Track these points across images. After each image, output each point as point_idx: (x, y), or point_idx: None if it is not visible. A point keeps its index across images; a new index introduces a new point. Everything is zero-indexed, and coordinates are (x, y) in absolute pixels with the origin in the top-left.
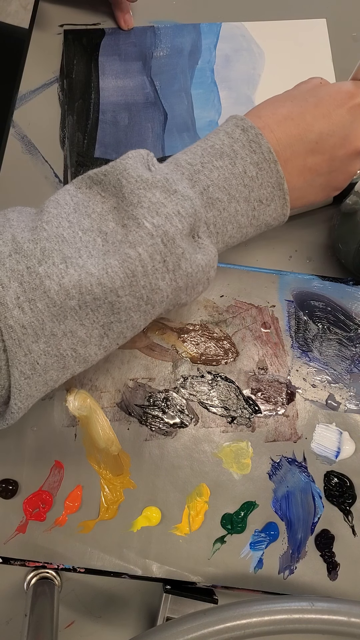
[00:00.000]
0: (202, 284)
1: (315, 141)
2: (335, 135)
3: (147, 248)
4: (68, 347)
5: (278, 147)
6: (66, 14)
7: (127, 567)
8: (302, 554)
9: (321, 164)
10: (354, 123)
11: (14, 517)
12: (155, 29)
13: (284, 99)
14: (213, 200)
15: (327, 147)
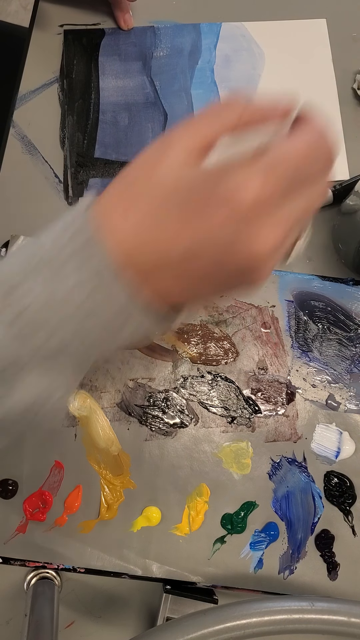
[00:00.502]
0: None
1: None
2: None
3: None
4: None
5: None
6: (66, 14)
7: (127, 567)
8: (302, 554)
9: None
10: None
11: (14, 517)
12: (155, 29)
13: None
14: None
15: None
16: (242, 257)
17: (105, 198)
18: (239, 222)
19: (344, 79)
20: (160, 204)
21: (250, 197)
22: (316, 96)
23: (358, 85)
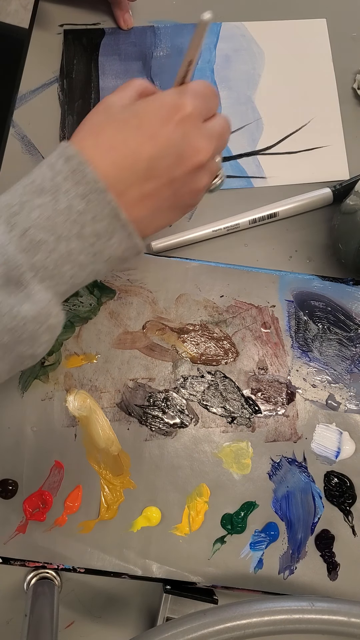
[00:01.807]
0: (43, 333)
1: (146, 168)
2: (167, 157)
3: None
4: None
5: (107, 180)
6: (66, 14)
7: (127, 567)
8: (302, 554)
9: (160, 188)
10: (185, 138)
11: (14, 517)
12: (155, 28)
13: (104, 121)
14: (36, 242)
15: (162, 171)
16: (189, 165)
17: (78, 135)
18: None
19: (344, 79)
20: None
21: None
22: (316, 96)
23: (358, 85)
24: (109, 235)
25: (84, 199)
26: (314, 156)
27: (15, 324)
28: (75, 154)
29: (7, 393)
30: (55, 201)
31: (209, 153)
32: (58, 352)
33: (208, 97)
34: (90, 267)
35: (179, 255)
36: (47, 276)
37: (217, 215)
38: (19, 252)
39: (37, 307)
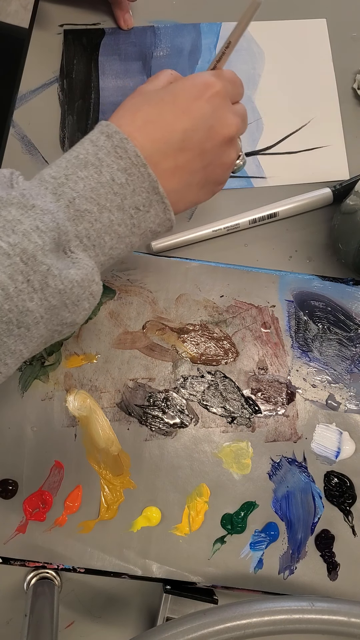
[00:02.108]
0: (85, 299)
1: (181, 140)
2: (199, 130)
3: (5, 269)
4: None
5: (144, 153)
6: (66, 14)
7: (127, 567)
8: (302, 554)
9: (192, 161)
10: (215, 112)
11: (14, 517)
12: (155, 28)
13: (140, 102)
14: (81, 212)
15: (195, 143)
16: (219, 138)
17: (116, 115)
18: (213, 108)
19: (344, 79)
20: (156, 104)
21: (218, 87)
22: (316, 96)
23: (358, 85)
24: (147, 208)
25: (125, 172)
26: (314, 156)
27: (64, 287)
28: (116, 131)
29: (7, 393)
30: (99, 174)
31: (236, 128)
32: (58, 352)
33: (236, 83)
34: (127, 239)
35: (179, 255)
36: (90, 245)
37: (217, 215)
38: (66, 219)
39: (83, 273)
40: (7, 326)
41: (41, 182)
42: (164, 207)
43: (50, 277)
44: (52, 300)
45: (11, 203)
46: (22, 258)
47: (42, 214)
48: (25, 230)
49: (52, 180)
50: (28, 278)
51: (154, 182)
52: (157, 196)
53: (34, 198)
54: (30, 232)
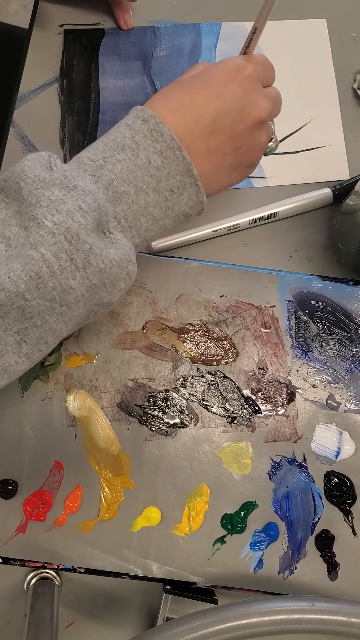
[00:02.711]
0: (122, 280)
1: (212, 122)
2: (231, 112)
3: (50, 247)
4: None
5: (177, 135)
6: (66, 14)
7: (127, 567)
8: (302, 554)
9: (224, 143)
10: (246, 95)
11: (14, 517)
12: (155, 28)
13: (173, 88)
14: (119, 194)
15: (226, 125)
16: (250, 120)
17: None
18: (245, 91)
19: (344, 79)
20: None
21: (249, 70)
22: (316, 96)
23: (358, 85)
24: (180, 190)
25: (161, 155)
26: (314, 156)
27: (104, 266)
28: (152, 115)
29: (7, 393)
30: (136, 157)
31: (268, 110)
32: (58, 352)
33: (267, 67)
34: (161, 221)
35: (179, 255)
36: (127, 227)
37: (217, 215)
38: (106, 201)
39: (121, 253)
40: (51, 304)
41: (79, 164)
42: (197, 189)
43: (92, 255)
44: (93, 279)
45: (54, 184)
46: (66, 237)
47: (84, 194)
48: (69, 209)
49: (91, 163)
50: (72, 256)
51: (189, 165)
52: (191, 179)
53: (75, 179)
54: (74, 211)
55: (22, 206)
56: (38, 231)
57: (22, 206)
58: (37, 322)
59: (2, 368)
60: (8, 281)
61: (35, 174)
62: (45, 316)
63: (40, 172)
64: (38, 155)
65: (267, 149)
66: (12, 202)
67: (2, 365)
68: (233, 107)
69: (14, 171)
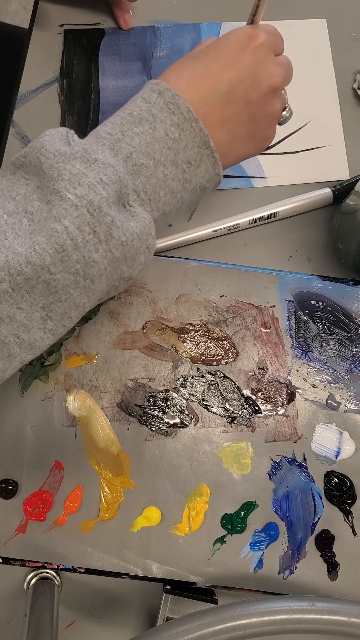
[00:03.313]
0: (142, 253)
1: (226, 91)
2: (244, 80)
3: (74, 220)
4: (9, 333)
5: (192, 106)
6: (66, 14)
7: (127, 567)
8: (302, 554)
9: (239, 112)
10: (259, 63)
11: (14, 517)
12: (155, 28)
13: (185, 60)
14: (138, 166)
15: (240, 94)
16: (264, 88)
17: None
18: (257, 59)
19: (344, 79)
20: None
21: (261, 39)
22: (316, 96)
23: (358, 85)
24: (197, 162)
25: (178, 127)
26: (314, 156)
27: (126, 239)
28: (167, 88)
29: (7, 393)
30: (153, 130)
31: (280, 77)
32: (58, 352)
33: (277, 36)
34: (179, 194)
35: (179, 255)
36: (146, 199)
37: (217, 215)
38: (125, 173)
39: (141, 225)
40: (75, 277)
41: (98, 138)
42: (214, 161)
43: (114, 228)
44: (115, 252)
45: (75, 157)
46: (88, 209)
47: (104, 167)
48: (91, 182)
49: (109, 137)
50: (94, 229)
51: (205, 136)
52: (208, 150)
53: (95, 152)
54: (95, 184)
55: (43, 181)
56: (61, 204)
57: (43, 181)
58: (62, 297)
59: (28, 344)
60: (34, 254)
61: (55, 148)
62: (69, 290)
63: (60, 147)
64: (56, 130)
65: (281, 118)
66: (32, 178)
67: (28, 340)
68: (247, 75)
69: (33, 147)
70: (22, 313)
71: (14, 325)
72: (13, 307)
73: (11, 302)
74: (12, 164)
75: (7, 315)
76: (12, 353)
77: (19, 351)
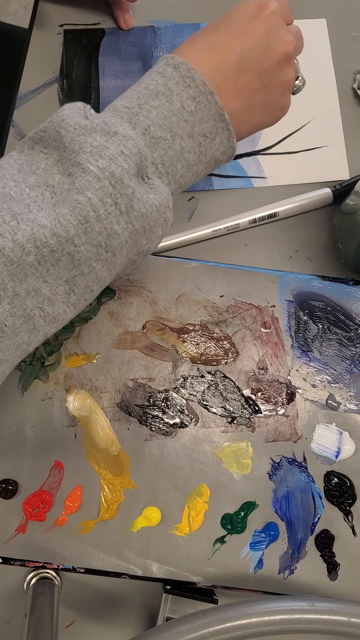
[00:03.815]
0: (160, 226)
1: (239, 60)
2: (256, 49)
3: (96, 192)
4: (34, 306)
5: (206, 76)
6: (66, 14)
7: (127, 567)
8: (302, 554)
9: (252, 81)
10: (271, 31)
11: (14, 517)
12: (155, 28)
13: (197, 34)
14: (156, 139)
15: (253, 63)
16: (277, 56)
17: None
18: (269, 27)
19: (344, 79)
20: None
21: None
22: (316, 96)
23: (358, 85)
24: (213, 135)
25: (194, 100)
26: (314, 156)
27: (145, 211)
28: (182, 62)
29: (7, 393)
30: (170, 102)
31: (293, 45)
32: (58, 352)
33: (286, 5)
34: (195, 167)
35: (179, 255)
36: (164, 172)
37: (217, 215)
38: (144, 146)
39: (160, 198)
40: (97, 250)
41: (115, 112)
42: (229, 134)
43: (135, 200)
44: (135, 224)
45: (95, 130)
46: (110, 181)
47: (124, 139)
48: (112, 155)
49: (126, 110)
50: (116, 201)
51: (220, 109)
52: (223, 123)
53: (115, 125)
54: (117, 156)
55: (63, 154)
56: (84, 176)
57: (64, 154)
58: (85, 270)
59: (52, 317)
60: (58, 226)
61: (76, 121)
62: (92, 263)
63: (80, 120)
64: (74, 105)
65: (295, 87)
66: (52, 152)
67: (52, 314)
68: (259, 43)
69: (52, 121)
70: (47, 287)
71: (40, 299)
72: (39, 280)
73: (37, 276)
74: (29, 139)
75: (33, 288)
76: (36, 326)
77: (43, 324)
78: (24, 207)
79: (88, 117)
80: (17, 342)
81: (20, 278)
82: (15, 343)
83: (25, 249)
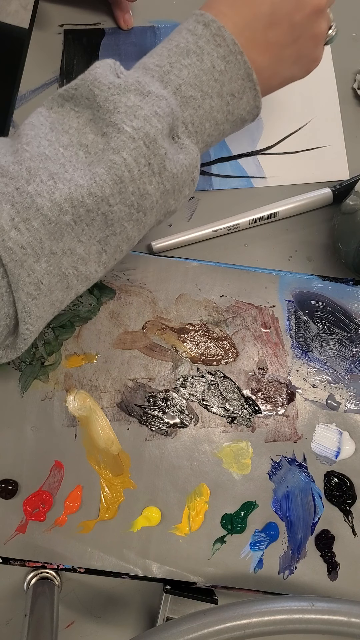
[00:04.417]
0: (187, 185)
1: (269, 13)
2: (287, 2)
3: (131, 152)
4: (69, 265)
5: (236, 30)
6: (66, 14)
7: (127, 567)
8: (302, 554)
9: (283, 35)
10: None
11: (14, 517)
12: (155, 28)
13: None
14: (187, 98)
15: (283, 16)
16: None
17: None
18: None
19: (344, 79)
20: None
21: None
22: (316, 96)
23: (358, 85)
24: (240, 95)
25: (224, 59)
26: (314, 156)
27: (176, 171)
28: (212, 19)
29: (7, 393)
30: (201, 61)
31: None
32: (58, 352)
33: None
34: (221, 126)
35: (179, 255)
36: (193, 131)
37: (217, 215)
38: (176, 105)
39: (189, 158)
40: (129, 210)
41: (146, 70)
42: (255, 94)
43: (167, 160)
44: (166, 185)
45: (129, 90)
46: (144, 142)
47: (158, 99)
48: (146, 115)
49: (157, 69)
50: (149, 161)
51: (249, 69)
52: (251, 83)
53: (148, 85)
54: (151, 117)
55: (97, 113)
56: (119, 136)
57: (98, 113)
58: (117, 230)
59: (84, 276)
60: (95, 186)
61: (109, 80)
62: (123, 223)
63: (114, 79)
64: (105, 62)
65: (327, 37)
66: (84, 110)
67: (85, 273)
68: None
69: (85, 79)
70: (81, 246)
71: (74, 258)
72: (74, 240)
73: (73, 235)
74: (59, 96)
75: (69, 247)
76: (70, 285)
77: (76, 283)
78: (59, 167)
79: (119, 75)
80: (52, 300)
81: (57, 237)
82: (50, 300)
83: (62, 209)
